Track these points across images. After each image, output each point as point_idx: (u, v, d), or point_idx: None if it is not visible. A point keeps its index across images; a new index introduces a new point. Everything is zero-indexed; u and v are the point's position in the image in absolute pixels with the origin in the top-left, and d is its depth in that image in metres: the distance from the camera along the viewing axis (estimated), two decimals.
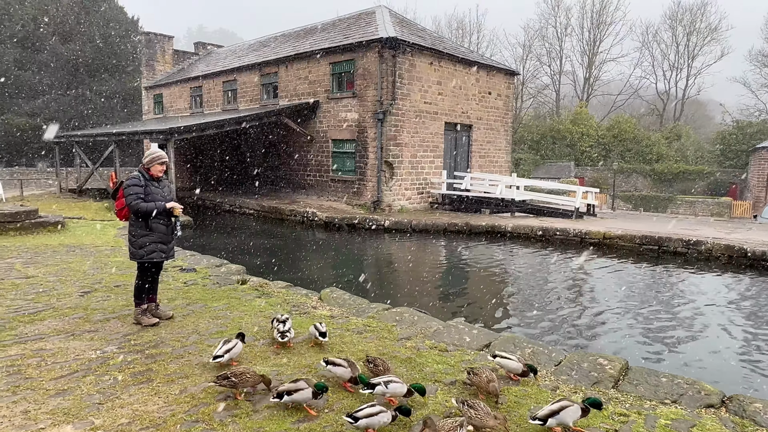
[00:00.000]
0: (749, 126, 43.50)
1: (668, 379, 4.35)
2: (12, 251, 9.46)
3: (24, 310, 5.82)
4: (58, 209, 16.13)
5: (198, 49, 34.76)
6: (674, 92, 56.22)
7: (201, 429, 3.35)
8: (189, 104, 29.32)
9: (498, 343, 5.15)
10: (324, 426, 3.44)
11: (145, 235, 5.27)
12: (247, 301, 6.49)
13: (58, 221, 12.39)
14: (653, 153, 43.87)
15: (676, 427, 3.54)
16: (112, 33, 40.53)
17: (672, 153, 44.05)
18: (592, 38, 54.72)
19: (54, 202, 19.18)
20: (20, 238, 11.05)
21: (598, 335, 7.17)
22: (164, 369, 4.30)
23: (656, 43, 57.13)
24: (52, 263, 8.46)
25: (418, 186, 20.41)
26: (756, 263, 11.41)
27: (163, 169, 5.40)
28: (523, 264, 12.24)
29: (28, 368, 4.23)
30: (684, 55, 54.89)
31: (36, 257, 8.94)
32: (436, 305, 8.48)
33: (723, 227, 16.45)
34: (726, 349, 6.62)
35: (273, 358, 4.63)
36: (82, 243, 10.65)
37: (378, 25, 20.01)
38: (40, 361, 4.37)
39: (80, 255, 9.28)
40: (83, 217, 15.21)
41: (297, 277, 9.34)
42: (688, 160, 43.84)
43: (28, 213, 11.92)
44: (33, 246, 10.09)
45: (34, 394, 3.79)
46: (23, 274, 7.59)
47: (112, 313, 5.78)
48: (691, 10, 54.05)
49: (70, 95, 38.68)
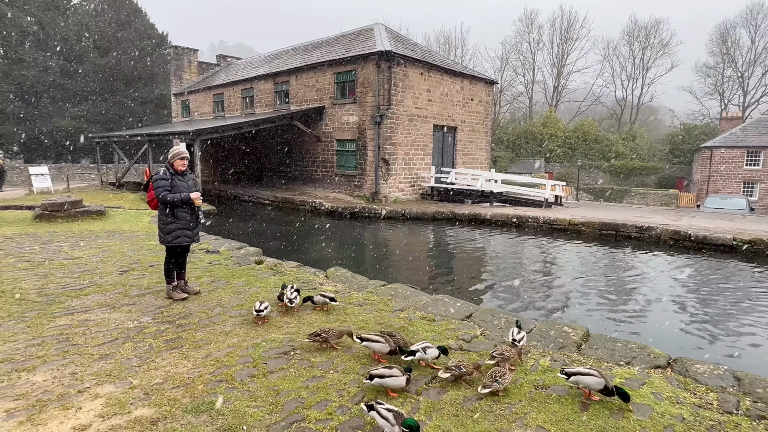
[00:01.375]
0: (694, 128, 43.52)
1: (623, 344, 4.38)
2: (60, 236, 9.40)
3: (71, 286, 5.80)
4: (100, 200, 16.03)
5: (219, 61, 34.32)
6: (631, 99, 56.19)
7: (224, 387, 3.36)
8: (212, 109, 29.01)
9: (478, 314, 5.16)
10: (330, 384, 3.45)
11: (171, 222, 5.25)
12: (263, 278, 6.48)
13: (100, 210, 12.31)
14: (612, 151, 43.84)
15: (630, 384, 3.57)
16: (145, 46, 39.97)
17: (628, 151, 44.02)
18: (561, 52, 54.44)
19: (96, 193, 19.04)
20: (67, 224, 10.99)
21: (564, 307, 7.20)
22: (192, 337, 4.29)
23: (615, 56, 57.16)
24: (95, 246, 8.42)
25: (410, 180, 20.34)
26: (698, 245, 11.47)
27: (184, 163, 5.35)
28: (500, 246, 12.26)
29: (75, 336, 4.23)
30: (639, 66, 54.79)
31: (81, 241, 8.89)
32: (426, 282, 8.50)
33: (671, 215, 16.50)
34: (672, 318, 6.67)
35: (285, 327, 4.63)
36: (120, 229, 10.60)
37: (376, 40, 19.79)
38: (85, 330, 4.37)
39: (119, 239, 9.24)
40: (121, 206, 15.11)
41: (306, 258, 9.33)
42: (642, 157, 43.85)
43: (73, 203, 11.83)
44: (78, 231, 10.03)
45: (80, 358, 3.79)
46: (70, 256, 7.55)
47: (147, 288, 5.77)
48: (646, 28, 53.85)
49: (109, 101, 38.24)
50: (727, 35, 50.07)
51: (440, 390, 3.42)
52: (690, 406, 3.27)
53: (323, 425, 2.93)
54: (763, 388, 3.51)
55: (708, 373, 3.79)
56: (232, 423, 2.92)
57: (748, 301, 7.49)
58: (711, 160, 34.32)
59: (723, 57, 50.52)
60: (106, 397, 3.19)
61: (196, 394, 3.26)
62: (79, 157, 37.36)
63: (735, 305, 7.32)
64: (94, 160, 31.29)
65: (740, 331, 6.19)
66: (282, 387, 3.39)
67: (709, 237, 11.40)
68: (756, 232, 11.78)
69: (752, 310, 7.03)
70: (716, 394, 3.46)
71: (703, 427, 3.01)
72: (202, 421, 2.94)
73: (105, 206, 13.43)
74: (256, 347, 4.07)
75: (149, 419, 2.94)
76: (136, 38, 39.39)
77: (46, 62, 35.48)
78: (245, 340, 4.23)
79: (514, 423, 3.01)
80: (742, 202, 21.66)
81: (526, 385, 3.50)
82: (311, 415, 3.03)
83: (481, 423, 3.00)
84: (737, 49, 49.91)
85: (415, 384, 3.49)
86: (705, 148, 35.02)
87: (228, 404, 3.13)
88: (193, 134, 17.68)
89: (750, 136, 33.99)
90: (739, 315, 6.85)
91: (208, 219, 14.71)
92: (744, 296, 7.79)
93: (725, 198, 23.03)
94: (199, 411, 3.04)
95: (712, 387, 3.58)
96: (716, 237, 11.32)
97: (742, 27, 49.64)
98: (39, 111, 35.20)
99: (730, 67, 50.43)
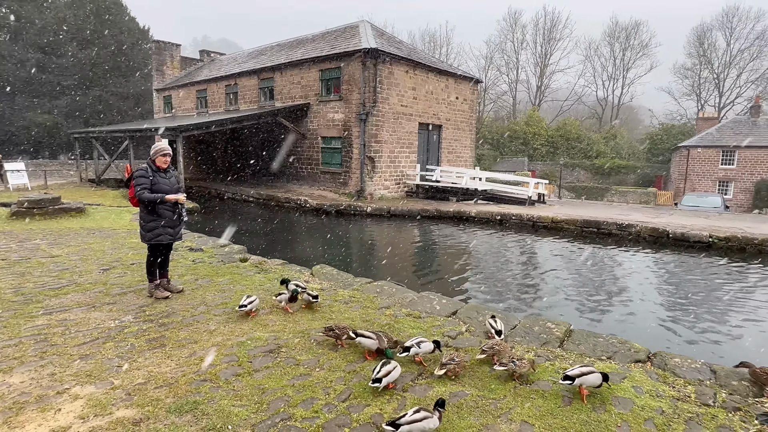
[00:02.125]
0: (672, 128, 44.44)
1: (604, 339, 4.46)
2: (37, 234, 9.15)
3: (49, 285, 5.65)
4: (79, 197, 15.65)
5: (203, 56, 33.76)
6: (611, 99, 57.09)
7: (208, 387, 3.31)
8: (195, 105, 28.55)
9: (463, 311, 5.19)
10: (316, 383, 3.43)
11: (152, 220, 5.15)
12: (248, 276, 6.41)
13: (79, 207, 12.01)
14: (593, 150, 44.55)
15: (612, 379, 3.63)
16: (126, 40, 39.10)
17: (609, 150, 44.79)
18: (544, 52, 55.00)
19: (75, 190, 18.59)
20: (45, 222, 10.70)
21: (548, 303, 7.29)
22: (176, 335, 4.22)
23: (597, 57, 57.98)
24: (74, 244, 8.22)
25: (395, 177, 20.35)
26: (676, 242, 11.74)
27: (166, 160, 5.24)
28: (485, 244, 12.36)
29: (54, 336, 4.12)
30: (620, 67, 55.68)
31: (59, 239, 8.67)
32: (411, 279, 8.51)
33: (649, 213, 16.84)
34: (651, 313, 6.81)
35: (270, 325, 4.59)
36: (101, 226, 10.36)
37: (361, 37, 19.70)
38: (64, 330, 4.26)
39: (99, 237, 9.03)
40: (102, 203, 14.77)
41: (291, 256, 9.27)
42: (622, 156, 44.65)
43: (51, 200, 11.52)
44: (56, 229, 9.78)
45: (59, 358, 3.69)
46: (48, 254, 7.36)
47: (128, 287, 5.65)
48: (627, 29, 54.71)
49: (89, 96, 37.33)
50: (703, 37, 51.25)
51: (426, 387, 3.43)
52: (669, 399, 3.34)
53: (309, 423, 2.91)
54: (738, 381, 3.61)
55: (686, 366, 3.88)
56: (216, 422, 2.88)
57: (723, 296, 7.69)
58: (688, 159, 35.13)
59: (700, 59, 51.70)
60: (87, 398, 3.12)
61: (179, 393, 3.21)
62: (57, 153, 36.40)
63: (711, 300, 7.51)
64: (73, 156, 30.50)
65: (717, 325, 6.35)
66: (268, 385, 3.36)
67: (687, 234, 11.67)
68: (731, 230, 12.10)
69: (728, 305, 7.23)
70: (694, 387, 3.54)
71: (681, 420, 3.08)
72: (185, 421, 2.89)
73: (85, 203, 13.10)
74: (241, 346, 4.03)
75: (131, 420, 2.88)
76: (116, 32, 38.50)
77: (23, 55, 34.45)
78: (230, 339, 4.18)
79: (499, 418, 3.04)
80: (717, 200, 22.23)
81: (510, 381, 3.54)
82: (297, 414, 3.01)
83: (467, 419, 3.01)
84: (713, 51, 51.16)
85: (402, 381, 3.50)
86: (682, 148, 35.83)
87: (212, 403, 3.09)
88: (175, 130, 17.38)
89: (725, 136, 34.90)
90: (716, 309, 7.03)
91: (192, 216, 14.49)
92: (720, 291, 8.00)
93: (702, 196, 23.59)
94: (182, 411, 2.99)
95: (690, 380, 3.66)
96: (693, 234, 11.60)
97: (718, 30, 50.90)
98: (15, 105, 34.17)
99: (706, 68, 51.64)
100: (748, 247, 11.03)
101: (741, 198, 33.50)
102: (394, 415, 3.00)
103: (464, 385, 3.43)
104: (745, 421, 3.09)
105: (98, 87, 37.76)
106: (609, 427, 2.96)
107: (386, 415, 3.01)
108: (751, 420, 3.10)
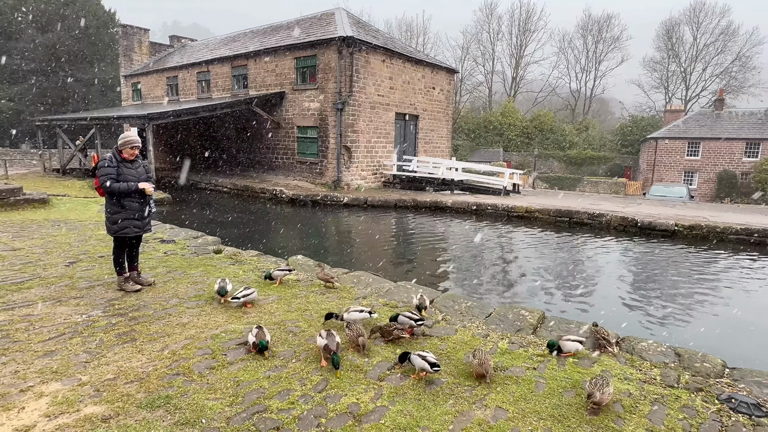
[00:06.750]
0: (642, 120, 45.70)
1: (575, 325, 4.57)
2: None
3: (11, 279, 5.41)
4: (43, 187, 15.01)
5: (173, 42, 32.67)
6: (584, 91, 58.15)
7: (182, 381, 3.25)
8: (165, 92, 27.67)
9: (439, 300, 5.24)
10: (292, 374, 3.41)
11: (118, 212, 4.98)
12: (222, 268, 6.30)
13: (43, 198, 11.54)
14: (566, 141, 45.44)
15: (582, 363, 3.74)
16: (91, 24, 37.41)
17: (581, 141, 45.78)
18: (519, 43, 55.46)
19: (38, 180, 17.83)
20: (6, 213, 10.23)
21: (521, 291, 7.44)
22: (147, 329, 4.11)
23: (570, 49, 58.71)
24: (37, 237, 7.89)
25: (372, 167, 20.29)
26: (643, 230, 12.13)
27: (134, 152, 5.04)
28: (461, 234, 12.48)
29: (17, 332, 3.95)
30: (592, 60, 56.72)
31: (22, 231, 8.31)
32: (388, 269, 8.54)
33: (619, 203, 17.33)
34: (619, 299, 7.04)
35: (245, 317, 4.52)
36: (66, 218, 9.98)
37: (337, 25, 19.42)
38: (28, 326, 4.09)
39: (65, 229, 8.70)
40: (67, 194, 14.22)
41: (267, 247, 9.16)
42: (593, 147, 45.72)
43: (12, 190, 11.02)
44: (19, 221, 9.36)
45: (22, 355, 3.55)
46: (9, 247, 7.04)
47: (97, 281, 5.47)
48: (599, 22, 55.68)
49: (51, 81, 35.67)
50: (672, 32, 52.66)
51: (402, 376, 3.45)
52: (636, 382, 3.46)
53: (285, 415, 2.89)
54: (700, 363, 3.77)
55: (652, 350, 4.02)
56: (190, 417, 2.82)
57: (687, 281, 8.01)
58: (656, 150, 36.25)
59: (668, 52, 53.16)
60: (53, 396, 3.01)
61: (151, 388, 3.13)
62: (19, 141, 34.75)
63: (676, 285, 7.81)
64: (35, 145, 29.20)
65: (681, 309, 6.61)
66: (242, 378, 3.31)
67: (654, 223, 12.07)
68: (695, 218, 12.59)
69: (691, 290, 7.53)
70: (659, 370, 3.68)
71: (647, 401, 3.19)
72: (158, 416, 2.83)
73: (49, 194, 12.59)
74: (215, 338, 3.96)
75: (100, 416, 2.80)
76: (80, 15, 36.79)
77: None
78: (203, 332, 4.10)
79: (474, 405, 3.08)
80: (683, 190, 23.06)
81: None
82: (273, 405, 2.99)
83: (442, 405, 3.05)
84: (681, 45, 52.66)
85: (378, 370, 3.51)
86: (650, 139, 36.94)
87: (186, 397, 3.03)
88: (144, 119, 16.83)
89: (691, 128, 36.13)
90: (680, 294, 7.32)
91: (162, 207, 14.12)
92: (684, 276, 8.32)
93: (668, 186, 24.43)
94: (154, 406, 2.92)
95: (656, 363, 3.80)
96: (660, 223, 12.00)
97: (686, 24, 52.38)
98: None
99: (674, 62, 53.17)
100: (710, 235, 11.49)
101: (705, 188, 34.84)
102: (371, 405, 3.01)
103: (440, 374, 3.47)
104: (706, 401, 3.23)
105: (62, 72, 36.11)
106: (579, 410, 3.04)
107: (363, 405, 3.02)
108: (712, 400, 3.24)
